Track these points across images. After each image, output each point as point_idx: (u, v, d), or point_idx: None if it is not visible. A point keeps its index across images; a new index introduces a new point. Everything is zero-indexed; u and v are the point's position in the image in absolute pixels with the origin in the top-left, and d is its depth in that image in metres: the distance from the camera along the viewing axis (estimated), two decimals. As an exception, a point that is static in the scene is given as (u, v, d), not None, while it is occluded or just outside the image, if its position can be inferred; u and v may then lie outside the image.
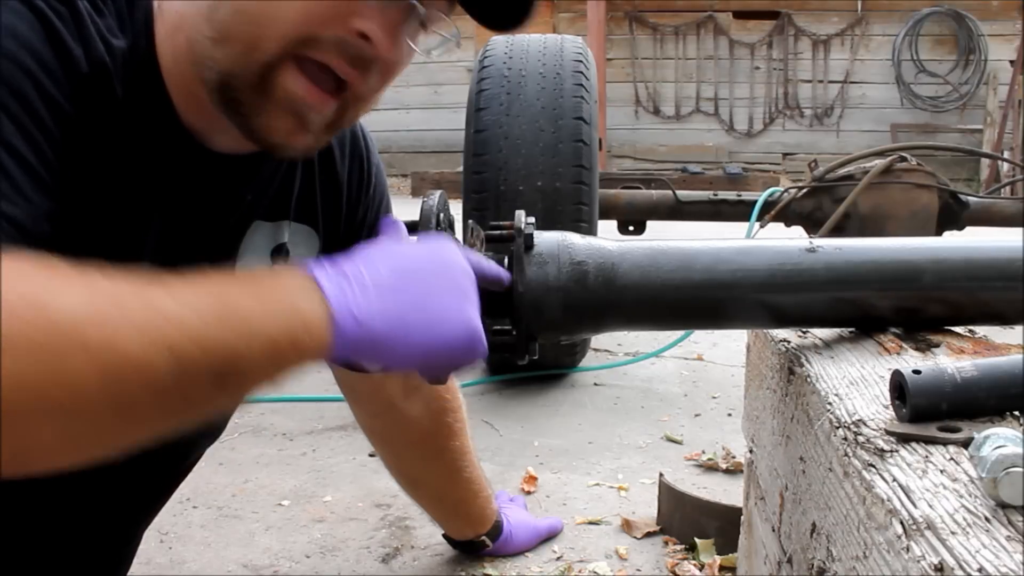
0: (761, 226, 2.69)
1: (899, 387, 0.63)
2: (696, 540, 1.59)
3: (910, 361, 0.77)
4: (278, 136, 0.79)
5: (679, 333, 2.81)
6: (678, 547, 1.61)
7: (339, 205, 1.05)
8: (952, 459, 0.57)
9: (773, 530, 0.91)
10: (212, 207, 0.90)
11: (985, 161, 8.91)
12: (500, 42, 2.57)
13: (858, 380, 0.74)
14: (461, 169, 2.61)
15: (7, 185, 0.66)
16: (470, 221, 0.86)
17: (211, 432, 1.12)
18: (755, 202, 2.75)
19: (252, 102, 0.77)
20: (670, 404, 2.48)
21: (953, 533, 0.48)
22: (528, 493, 1.87)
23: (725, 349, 2.99)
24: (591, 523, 1.72)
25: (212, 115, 0.83)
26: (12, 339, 0.51)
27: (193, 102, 0.82)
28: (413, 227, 0.79)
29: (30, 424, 0.53)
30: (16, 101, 0.68)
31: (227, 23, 0.75)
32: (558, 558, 1.58)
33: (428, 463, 1.40)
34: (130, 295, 0.58)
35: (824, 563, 0.67)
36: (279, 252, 0.99)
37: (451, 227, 0.84)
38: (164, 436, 0.61)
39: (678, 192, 2.85)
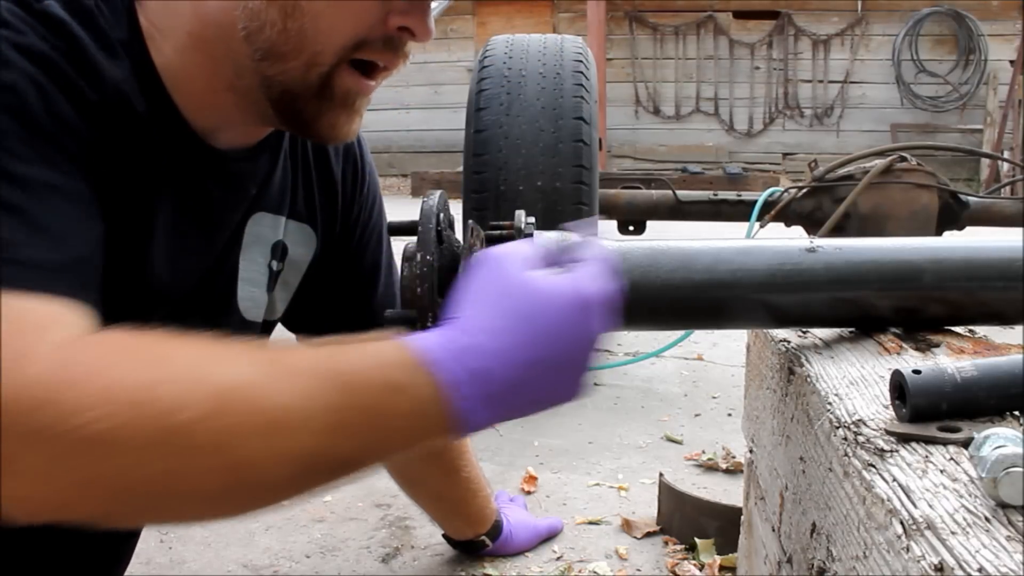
0: (761, 226, 2.69)
1: (899, 387, 0.63)
2: (696, 540, 1.59)
3: (910, 361, 0.77)
4: (340, 131, 0.85)
5: (679, 333, 2.81)
6: (678, 547, 1.61)
7: (335, 204, 1.06)
8: (952, 459, 0.57)
9: (773, 530, 0.91)
10: (217, 203, 0.91)
11: (985, 161, 8.91)
12: (500, 42, 2.57)
13: (858, 380, 0.74)
14: (461, 169, 2.61)
15: (62, 224, 0.67)
16: (470, 221, 0.86)
17: None
18: (755, 202, 2.75)
19: (315, 107, 0.82)
20: (670, 404, 2.48)
21: (953, 533, 0.48)
22: (528, 493, 1.87)
23: (725, 349, 2.99)
24: (591, 523, 1.72)
25: (218, 113, 0.85)
26: (129, 442, 0.54)
27: (198, 101, 0.84)
28: (413, 227, 0.79)
29: (163, 507, 0.58)
30: (40, 137, 0.68)
31: (276, 43, 0.79)
32: (558, 558, 1.58)
33: (427, 463, 1.40)
34: (239, 388, 0.58)
35: (824, 563, 0.67)
36: (278, 249, 1.00)
37: (451, 227, 0.84)
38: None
39: (678, 192, 2.85)
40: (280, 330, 1.14)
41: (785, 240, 0.86)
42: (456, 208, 1.10)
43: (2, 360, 0.54)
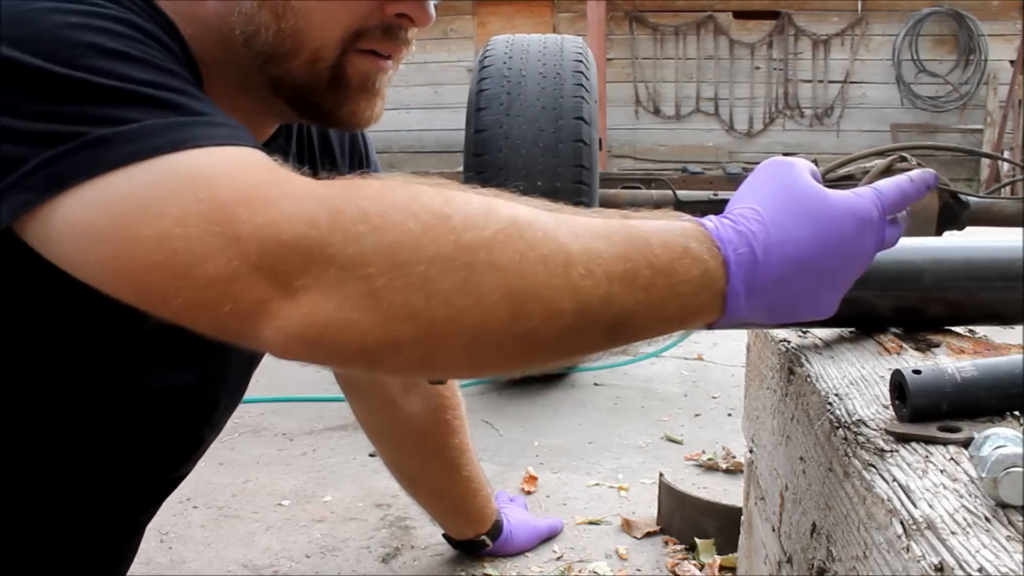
0: (761, 226, 2.69)
1: (899, 387, 0.63)
2: (696, 540, 1.59)
3: (910, 361, 0.77)
4: (363, 116, 0.84)
5: (679, 333, 2.80)
6: (678, 547, 1.61)
7: None
8: (952, 459, 0.57)
9: (773, 530, 0.91)
10: None
11: (985, 161, 8.91)
12: (500, 42, 2.57)
13: (858, 380, 0.74)
14: (461, 169, 2.61)
15: (211, 105, 0.67)
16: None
17: (216, 430, 1.12)
18: (755, 202, 2.75)
19: (332, 98, 0.81)
20: (670, 404, 2.48)
21: (953, 533, 0.48)
22: (528, 493, 1.87)
23: (725, 349, 2.99)
24: (591, 523, 1.72)
25: (234, 112, 0.84)
26: (426, 251, 0.53)
27: (221, 95, 0.83)
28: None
29: (442, 335, 0.55)
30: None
31: (274, 45, 0.78)
32: (558, 558, 1.58)
33: (427, 461, 1.40)
34: (532, 222, 0.58)
35: (824, 563, 0.67)
36: None
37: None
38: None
39: (678, 192, 2.85)
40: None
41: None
42: (456, 208, 1.10)
43: (272, 193, 0.55)
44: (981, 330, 0.88)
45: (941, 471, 0.56)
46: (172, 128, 0.60)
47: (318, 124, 0.90)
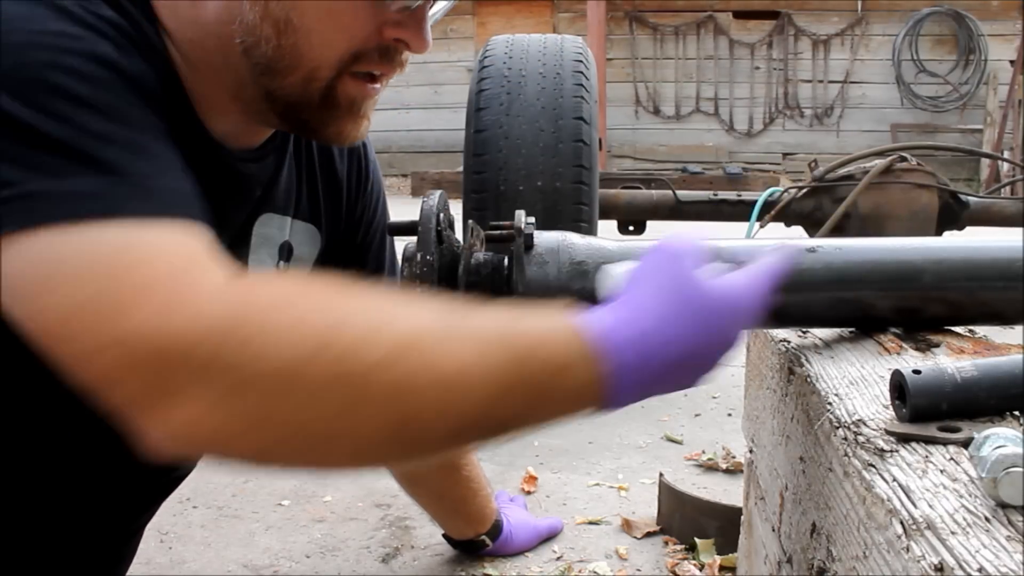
0: (761, 226, 2.69)
1: (899, 387, 0.63)
2: (696, 540, 1.59)
3: (910, 361, 0.77)
4: (348, 136, 0.86)
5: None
6: (678, 547, 1.61)
7: (339, 204, 1.06)
8: (952, 459, 0.57)
9: (773, 530, 0.91)
10: (224, 203, 0.91)
11: (985, 161, 8.91)
12: (500, 42, 2.57)
13: (858, 380, 0.74)
14: (461, 169, 2.61)
15: (164, 163, 0.67)
16: (470, 221, 0.86)
17: None
18: (755, 202, 2.75)
19: (321, 117, 0.83)
20: (670, 404, 2.48)
21: (953, 533, 0.48)
22: (528, 493, 1.87)
23: (725, 349, 2.99)
24: (591, 523, 1.72)
25: (227, 118, 0.85)
26: (304, 381, 0.55)
27: (208, 106, 0.84)
28: (413, 227, 0.79)
29: (323, 452, 0.59)
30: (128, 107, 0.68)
31: (273, 59, 0.79)
32: (558, 558, 1.58)
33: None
34: (416, 342, 0.59)
35: (824, 563, 0.67)
36: (284, 249, 1.00)
37: (451, 227, 0.84)
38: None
39: (678, 192, 2.85)
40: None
41: (785, 240, 0.86)
42: (456, 208, 1.10)
43: (173, 294, 0.55)
44: (981, 330, 0.88)
45: (941, 471, 0.56)
46: (107, 195, 0.61)
47: (304, 137, 0.92)
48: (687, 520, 1.63)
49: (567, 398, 0.64)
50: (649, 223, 2.89)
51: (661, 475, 1.73)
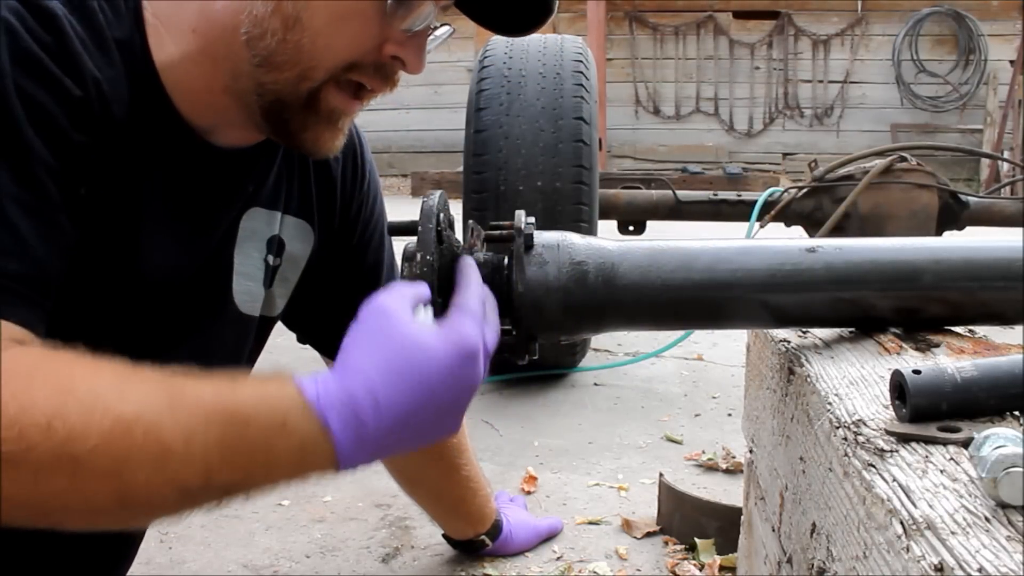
0: (761, 226, 2.69)
1: (899, 387, 0.63)
2: (696, 540, 1.59)
3: (910, 361, 0.77)
4: (324, 145, 0.88)
5: (679, 333, 2.81)
6: (678, 547, 1.61)
7: (333, 200, 1.07)
8: (952, 459, 0.57)
9: (773, 530, 0.91)
10: (212, 199, 0.92)
11: (985, 161, 8.91)
12: (500, 42, 2.56)
13: (858, 380, 0.74)
14: (461, 169, 2.61)
15: (6, 237, 0.70)
16: (470, 221, 0.86)
17: None
18: (755, 202, 2.75)
19: (300, 119, 0.85)
20: (670, 404, 2.48)
21: (953, 533, 0.48)
22: (528, 493, 1.87)
23: (725, 349, 2.99)
24: (591, 523, 1.72)
25: (216, 113, 0.85)
26: (30, 464, 0.58)
27: (196, 100, 0.85)
28: (413, 227, 0.79)
29: (57, 519, 0.63)
30: (10, 143, 0.70)
31: (275, 52, 0.81)
32: (558, 558, 1.58)
33: (427, 461, 1.40)
34: (135, 421, 0.62)
35: (824, 563, 0.67)
36: (274, 244, 1.00)
37: (451, 227, 0.84)
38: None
39: (678, 192, 2.85)
40: (283, 330, 1.15)
41: (785, 240, 0.86)
42: (456, 208, 1.10)
43: None
44: (981, 330, 0.88)
45: (941, 471, 0.56)
46: None
47: (282, 142, 0.91)
48: (687, 520, 1.63)
49: (293, 456, 0.66)
50: (649, 223, 2.90)
51: (661, 475, 1.73)
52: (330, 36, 0.80)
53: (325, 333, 1.16)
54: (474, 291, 0.75)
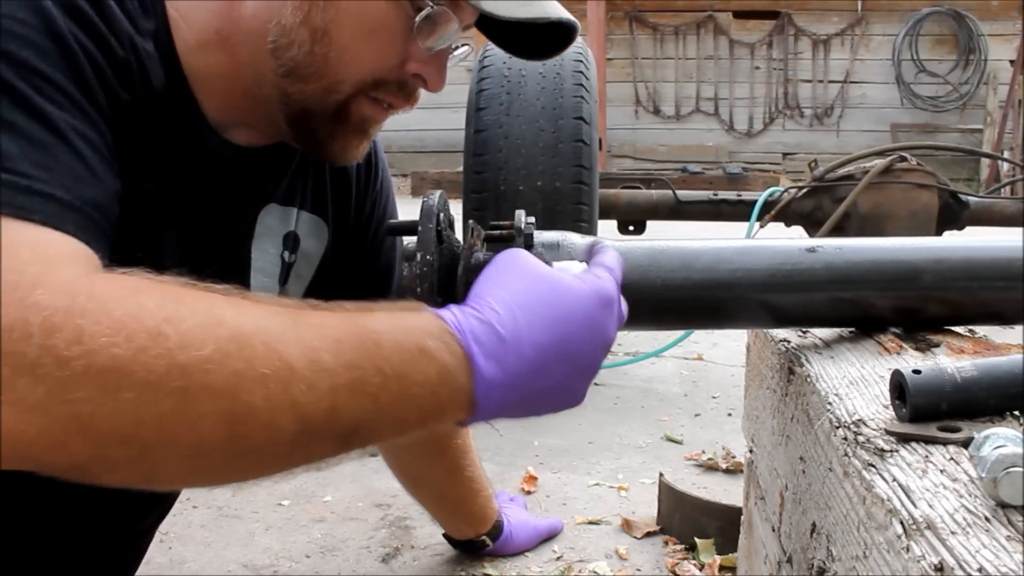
0: (761, 226, 2.69)
1: (899, 387, 0.63)
2: (696, 540, 1.59)
3: (910, 361, 0.77)
4: (351, 153, 0.89)
5: (679, 333, 2.81)
6: (678, 547, 1.61)
7: (348, 197, 1.07)
8: (952, 459, 0.57)
9: (773, 530, 0.91)
10: (232, 195, 0.92)
11: (985, 161, 8.91)
12: (500, 42, 2.56)
13: (858, 380, 0.74)
14: (461, 169, 2.61)
15: (82, 167, 0.67)
16: (470, 221, 0.86)
17: None
18: (755, 202, 2.75)
19: (329, 129, 0.85)
20: (670, 404, 2.48)
21: (953, 533, 0.48)
22: (528, 493, 1.87)
23: (725, 349, 2.99)
24: (591, 523, 1.72)
25: (236, 113, 0.86)
26: (137, 375, 0.52)
27: (218, 99, 0.85)
28: (413, 227, 0.79)
29: (157, 457, 0.54)
30: (74, 85, 0.68)
31: (301, 63, 0.81)
32: (558, 558, 1.58)
33: (430, 462, 1.40)
34: (255, 334, 0.56)
35: (824, 563, 0.67)
36: (289, 240, 1.01)
37: (451, 227, 0.84)
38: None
39: (678, 192, 2.85)
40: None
41: (785, 240, 0.86)
42: (456, 208, 1.10)
43: (12, 286, 0.52)
44: (981, 330, 0.88)
45: (941, 471, 0.56)
46: None
47: (306, 148, 0.91)
48: (687, 520, 1.63)
49: (429, 388, 0.60)
50: (649, 223, 2.90)
51: (661, 475, 1.73)
52: (357, 50, 0.81)
53: None
54: (613, 256, 0.75)
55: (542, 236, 0.84)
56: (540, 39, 0.91)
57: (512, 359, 0.63)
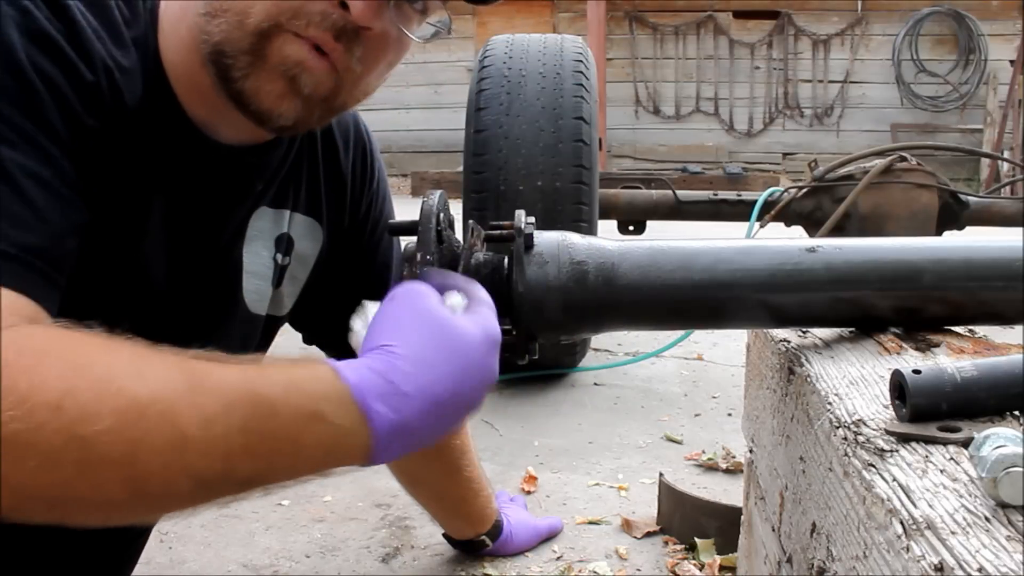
0: (761, 226, 2.69)
1: (899, 387, 0.63)
2: (696, 540, 1.59)
3: (910, 361, 0.77)
4: (268, 100, 0.81)
5: (679, 333, 2.81)
6: (678, 547, 1.61)
7: (343, 198, 1.06)
8: (952, 459, 0.57)
9: (773, 530, 0.91)
10: (220, 198, 0.92)
11: (985, 161, 8.92)
12: (500, 42, 2.57)
13: (858, 380, 0.74)
14: (461, 169, 2.61)
15: (26, 211, 0.68)
16: (470, 221, 0.86)
17: None
18: (755, 202, 2.75)
19: (244, 66, 0.79)
20: (670, 404, 2.48)
21: (953, 533, 0.48)
22: (528, 493, 1.87)
23: (725, 349, 2.99)
24: (591, 523, 1.72)
25: (218, 106, 0.85)
26: (39, 447, 0.54)
27: (199, 95, 0.85)
28: (413, 227, 0.79)
29: (68, 509, 0.58)
30: (28, 120, 0.69)
31: (215, 5, 0.78)
32: (558, 558, 1.58)
33: (429, 461, 1.40)
34: (151, 404, 0.58)
35: (824, 563, 0.67)
36: (283, 242, 1.00)
37: (451, 227, 0.84)
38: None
39: (678, 192, 2.85)
40: (287, 331, 1.15)
41: (785, 240, 0.86)
42: (456, 208, 1.10)
43: None
44: (981, 330, 0.88)
45: (941, 471, 0.56)
46: None
47: (227, 96, 0.82)
48: (687, 520, 1.63)
49: (323, 447, 0.63)
50: (649, 223, 2.90)
51: (661, 475, 1.73)
52: None
53: (333, 334, 1.16)
54: (483, 289, 0.75)
55: (542, 236, 0.84)
56: None
57: (413, 413, 0.64)
